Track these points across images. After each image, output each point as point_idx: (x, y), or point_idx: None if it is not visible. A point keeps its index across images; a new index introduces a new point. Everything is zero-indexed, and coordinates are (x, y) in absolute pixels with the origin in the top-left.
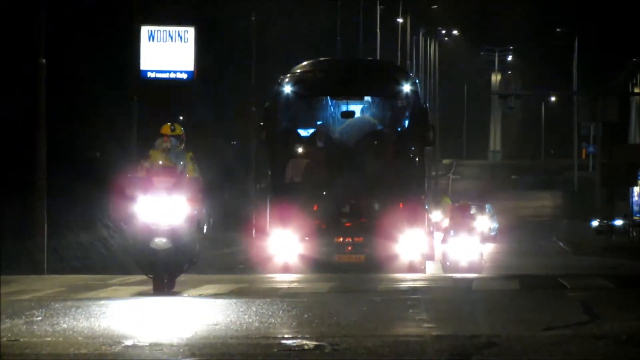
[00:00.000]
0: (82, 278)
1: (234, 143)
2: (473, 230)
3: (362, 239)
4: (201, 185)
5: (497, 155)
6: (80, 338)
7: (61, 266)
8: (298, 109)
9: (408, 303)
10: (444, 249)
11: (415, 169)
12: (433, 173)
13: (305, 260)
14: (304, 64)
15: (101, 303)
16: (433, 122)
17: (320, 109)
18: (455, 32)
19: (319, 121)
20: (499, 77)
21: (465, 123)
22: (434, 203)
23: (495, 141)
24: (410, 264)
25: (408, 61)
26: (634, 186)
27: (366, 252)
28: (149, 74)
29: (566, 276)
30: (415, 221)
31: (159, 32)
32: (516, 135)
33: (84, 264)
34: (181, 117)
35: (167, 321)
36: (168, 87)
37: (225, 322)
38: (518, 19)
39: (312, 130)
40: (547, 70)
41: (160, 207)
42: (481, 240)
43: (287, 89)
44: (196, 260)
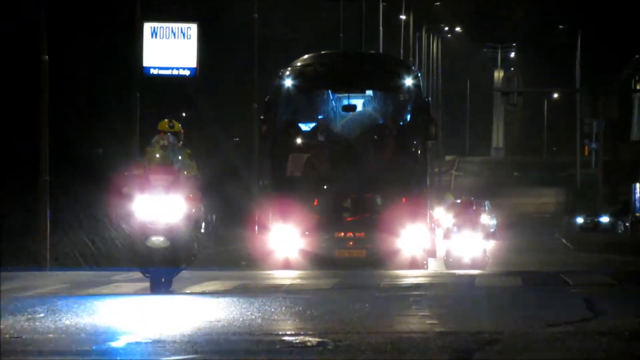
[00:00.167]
0: (85, 274)
1: (237, 140)
2: (479, 225)
3: (364, 234)
4: (199, 183)
5: (500, 152)
6: (83, 335)
7: (63, 263)
8: (299, 103)
9: (411, 300)
10: (447, 246)
11: (417, 163)
12: (436, 170)
13: (306, 255)
14: (305, 57)
15: (104, 299)
16: (435, 118)
17: (322, 103)
18: (458, 29)
19: (320, 115)
20: (501, 74)
21: (468, 120)
22: (437, 200)
23: (497, 138)
24: (411, 260)
25: (411, 58)
26: (636, 183)
27: (367, 247)
28: (152, 71)
29: (569, 273)
30: (417, 216)
31: (161, 29)
32: (519, 132)
33: (87, 260)
34: (184, 114)
35: (170, 318)
36: (171, 84)
37: (228, 319)
38: (520, 16)
39: (313, 124)
40: (550, 68)
41: (158, 205)
42: (484, 237)
43: (288, 83)
44: (194, 259)
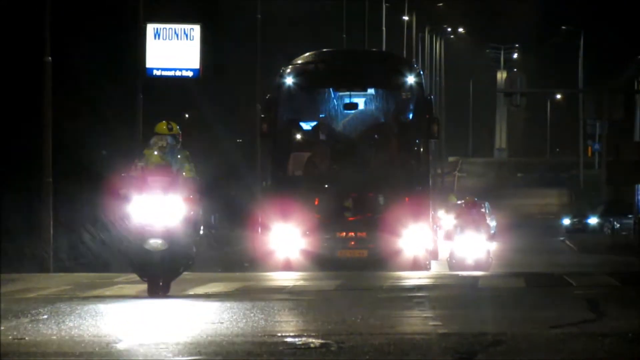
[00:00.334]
0: (88, 276)
1: (240, 141)
2: (483, 226)
3: (365, 233)
4: (198, 185)
5: (503, 153)
6: (86, 337)
7: (67, 265)
8: (300, 101)
9: (414, 301)
10: (450, 247)
11: (419, 162)
12: (439, 171)
13: (307, 255)
14: (306, 55)
15: (107, 301)
16: (438, 116)
17: (323, 101)
18: (460, 30)
19: (321, 113)
20: (504, 75)
21: (471, 121)
22: (440, 201)
23: (501, 139)
24: (414, 260)
25: (414, 59)
26: None
27: (369, 248)
28: (155, 72)
29: (572, 274)
30: (419, 216)
31: (164, 30)
32: (522, 133)
33: (90, 262)
34: (187, 115)
35: (173, 320)
36: (174, 85)
37: (231, 321)
38: (523, 17)
39: (314, 123)
40: (553, 68)
41: (155, 208)
42: (488, 238)
43: (289, 81)
44: (192, 262)
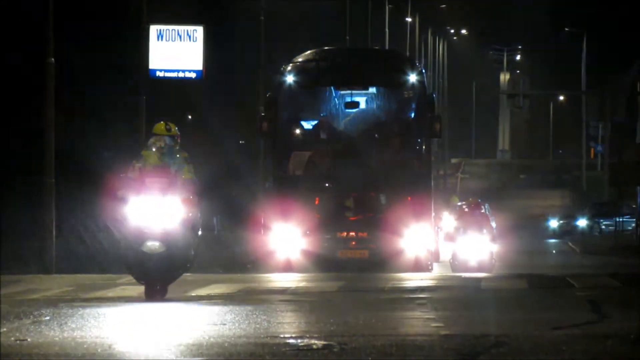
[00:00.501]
0: (91, 277)
1: (242, 142)
2: (486, 228)
3: (366, 233)
4: (196, 187)
5: (506, 155)
6: (88, 338)
7: (69, 266)
8: (301, 100)
9: (416, 302)
10: (453, 248)
11: (421, 161)
12: (441, 172)
13: (308, 255)
14: (307, 53)
15: (109, 303)
16: (440, 115)
17: (324, 100)
18: (463, 32)
19: (322, 112)
20: (507, 77)
21: (474, 122)
22: (443, 202)
23: (503, 140)
24: (415, 260)
25: (417, 60)
26: None
27: (370, 248)
28: (158, 73)
29: (574, 275)
30: (421, 215)
31: (167, 32)
32: (524, 134)
33: (92, 263)
34: (189, 116)
35: (175, 321)
36: (177, 86)
37: (233, 322)
38: (526, 19)
39: (315, 122)
40: (556, 70)
41: (153, 209)
42: (491, 239)
43: (290, 79)
44: (190, 265)
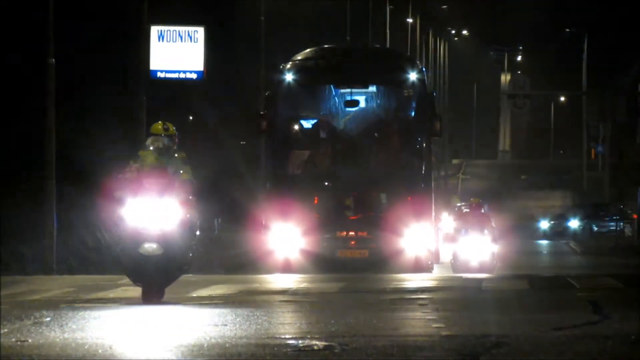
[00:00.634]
0: (92, 278)
1: (243, 143)
2: (488, 228)
3: (366, 233)
4: (194, 188)
5: (507, 155)
6: (89, 339)
7: (70, 267)
8: (300, 98)
9: (417, 303)
10: (454, 249)
11: (421, 160)
12: (442, 173)
13: (307, 255)
14: (307, 51)
15: (110, 304)
16: (440, 114)
17: (323, 98)
18: (464, 32)
19: (322, 111)
20: (508, 77)
21: (475, 123)
22: (444, 203)
23: (504, 141)
24: (416, 260)
25: (418, 61)
26: None
27: (370, 247)
28: (159, 74)
29: (575, 276)
30: (421, 215)
31: (168, 32)
32: (525, 135)
33: (93, 264)
34: (190, 117)
35: (176, 322)
36: (177, 87)
37: (234, 323)
38: (527, 19)
39: (315, 121)
40: (557, 70)
41: (151, 211)
42: (492, 240)
43: (289, 77)
44: (188, 268)
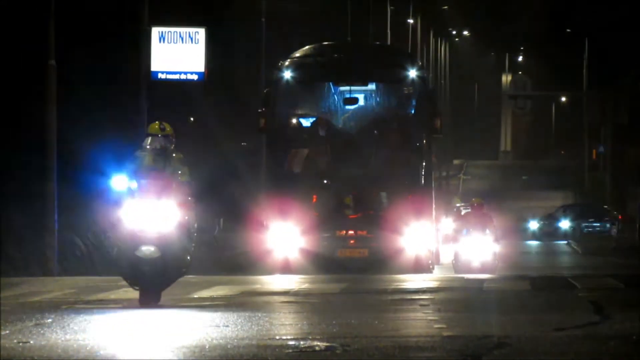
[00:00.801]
0: (93, 280)
1: (244, 144)
2: (489, 228)
3: (366, 232)
4: (192, 189)
5: (508, 156)
6: (91, 340)
7: (71, 268)
8: (299, 96)
9: (419, 304)
10: (455, 249)
11: (421, 158)
12: (444, 174)
13: (306, 255)
14: (305, 48)
15: (112, 305)
16: (441, 112)
17: (322, 96)
18: (465, 33)
19: (321, 109)
20: (509, 78)
21: (476, 124)
22: (445, 203)
23: (506, 142)
24: (416, 259)
25: (418, 58)
26: None
27: (370, 247)
28: (160, 75)
29: (576, 276)
30: (422, 213)
31: (169, 34)
32: (527, 135)
33: (94, 266)
34: (192, 119)
35: (178, 323)
36: (178, 89)
37: (236, 324)
38: (528, 20)
39: (314, 118)
40: (558, 71)
41: (148, 212)
42: (494, 240)
43: (287, 75)
44: (185, 271)
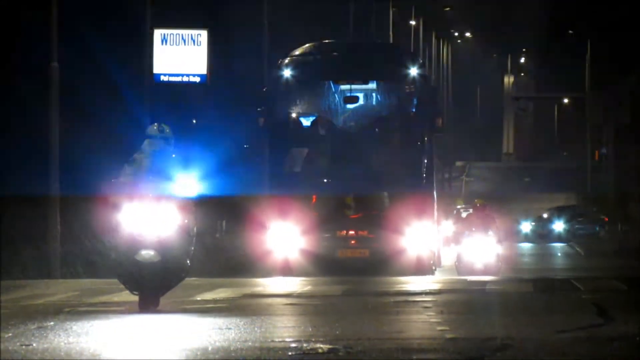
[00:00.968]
0: (95, 282)
1: (247, 146)
2: (492, 229)
3: (367, 232)
4: (192, 192)
5: (510, 157)
6: (94, 343)
7: (74, 271)
8: (298, 94)
9: (422, 306)
10: (458, 251)
11: (423, 158)
12: (446, 175)
13: (306, 255)
14: (305, 46)
15: (114, 308)
16: (442, 110)
17: (322, 95)
18: (468, 35)
19: (321, 107)
20: (511, 80)
21: (479, 125)
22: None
23: (508, 143)
24: (417, 260)
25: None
26: None
27: (371, 247)
28: (162, 78)
29: (579, 278)
30: (423, 213)
31: (172, 36)
32: (529, 137)
33: (98, 268)
34: (194, 121)
35: (181, 326)
36: (180, 91)
37: (239, 326)
38: (530, 22)
39: (313, 117)
40: (560, 72)
41: (148, 216)
42: (498, 241)
43: (287, 73)
44: (185, 275)
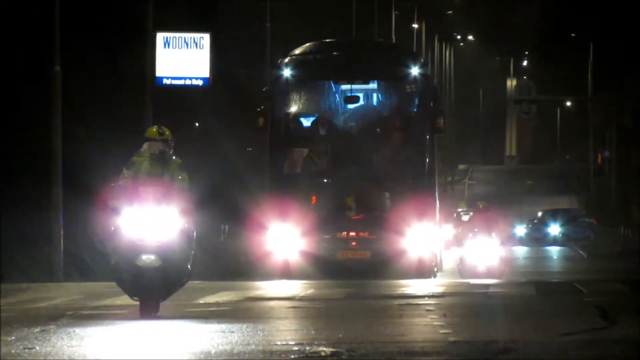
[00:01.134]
0: (98, 286)
1: (250, 149)
2: (495, 232)
3: (367, 233)
4: (192, 196)
5: (513, 161)
6: (96, 346)
7: (77, 274)
8: (298, 94)
9: (424, 309)
10: (461, 253)
11: (424, 158)
12: (449, 179)
13: (306, 257)
14: (305, 45)
15: (117, 311)
16: (444, 110)
17: (322, 94)
18: (470, 38)
19: (321, 107)
20: (514, 83)
21: (481, 128)
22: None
23: (511, 146)
24: (419, 262)
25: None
26: None
27: (372, 248)
28: (165, 81)
29: (582, 281)
30: (425, 214)
31: (174, 39)
32: (532, 140)
33: (100, 271)
34: (197, 124)
35: (184, 328)
36: (183, 94)
37: (242, 329)
38: (533, 25)
39: (314, 117)
40: (562, 75)
41: (148, 220)
42: (501, 244)
43: (287, 73)
44: (186, 280)
